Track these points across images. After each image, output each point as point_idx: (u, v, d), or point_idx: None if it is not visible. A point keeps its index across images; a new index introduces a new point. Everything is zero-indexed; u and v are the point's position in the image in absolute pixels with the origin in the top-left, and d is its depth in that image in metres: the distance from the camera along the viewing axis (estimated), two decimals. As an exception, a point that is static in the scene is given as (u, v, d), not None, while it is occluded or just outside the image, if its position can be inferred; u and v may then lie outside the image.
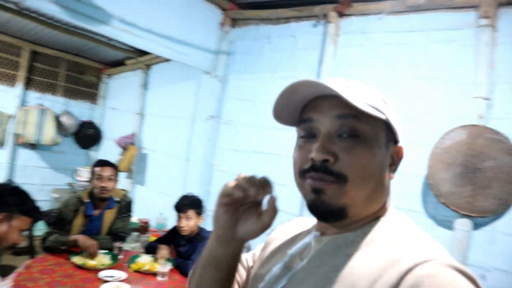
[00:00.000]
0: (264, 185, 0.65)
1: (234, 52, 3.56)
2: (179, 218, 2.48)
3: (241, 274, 0.86)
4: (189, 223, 2.44)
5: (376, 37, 2.58)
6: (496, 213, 2.04)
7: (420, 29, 2.39)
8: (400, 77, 2.46)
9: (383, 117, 0.62)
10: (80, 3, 2.53)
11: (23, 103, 4.66)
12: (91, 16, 2.61)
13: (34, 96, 4.77)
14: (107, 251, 2.40)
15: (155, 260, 2.38)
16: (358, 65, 2.66)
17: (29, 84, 4.74)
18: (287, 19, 3.13)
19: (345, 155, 0.60)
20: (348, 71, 2.70)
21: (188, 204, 2.47)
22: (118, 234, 2.62)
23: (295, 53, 3.05)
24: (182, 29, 3.25)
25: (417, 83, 2.38)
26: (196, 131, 3.76)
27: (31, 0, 2.35)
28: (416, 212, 2.31)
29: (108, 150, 5.22)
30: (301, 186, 0.66)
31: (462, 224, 2.15)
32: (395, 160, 0.67)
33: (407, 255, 0.54)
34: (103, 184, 2.51)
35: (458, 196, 2.10)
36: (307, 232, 0.75)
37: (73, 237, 2.34)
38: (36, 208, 1.63)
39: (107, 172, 2.54)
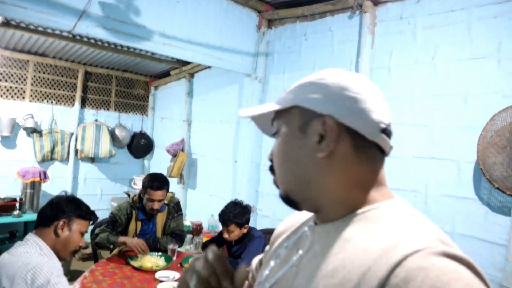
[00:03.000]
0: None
1: (272, 53, 3.61)
2: (223, 229, 2.53)
3: (252, 276, 0.88)
4: (231, 235, 2.49)
5: (415, 21, 2.50)
6: (563, 195, 1.91)
7: (462, 7, 2.28)
8: (444, 60, 2.36)
9: (287, 105, 0.66)
10: (124, 24, 2.70)
11: (81, 120, 5.03)
12: (134, 34, 2.77)
13: (90, 113, 5.14)
14: (160, 253, 2.54)
15: None
16: (398, 52, 2.59)
17: (84, 102, 5.11)
18: (322, 14, 3.12)
19: (272, 149, 0.70)
20: (386, 60, 2.64)
21: (230, 219, 2.46)
22: (175, 233, 2.76)
23: (333, 47, 3.03)
24: (220, 36, 3.35)
25: (462, 65, 2.28)
26: (242, 133, 3.84)
27: (80, 28, 2.55)
28: (469, 199, 2.21)
29: (160, 158, 5.48)
30: None
31: (523, 209, 2.04)
32: (324, 134, 0.61)
33: (398, 244, 0.51)
34: (154, 207, 2.62)
35: (516, 179, 1.98)
36: (306, 222, 0.74)
37: (121, 239, 2.47)
38: (91, 212, 1.79)
39: (158, 196, 2.61)
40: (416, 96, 2.46)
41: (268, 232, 2.95)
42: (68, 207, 1.68)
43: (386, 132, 0.62)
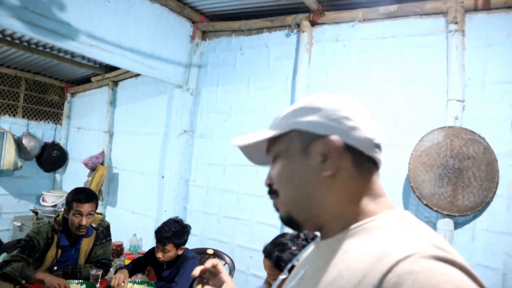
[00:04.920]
0: None
1: (206, 65, 3.51)
2: (157, 247, 2.32)
3: None
4: (165, 256, 2.28)
5: (350, 44, 2.62)
6: (476, 211, 2.09)
7: (393, 35, 2.45)
8: (375, 83, 2.50)
9: (283, 131, 0.69)
10: (45, 18, 2.40)
11: (-21, 126, 4.36)
12: (56, 31, 2.47)
13: (-9, 119, 4.49)
14: (81, 281, 2.22)
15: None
16: (333, 72, 2.69)
17: (-15, 106, 4.45)
18: (259, 30, 3.13)
19: (272, 173, 0.73)
20: (322, 79, 2.72)
21: (168, 237, 2.26)
22: (101, 262, 2.42)
23: (269, 63, 3.05)
24: (152, 43, 3.17)
25: (392, 88, 2.43)
26: (170, 147, 3.65)
27: (-11, 15, 2.20)
28: (399, 215, 2.33)
29: (75, 172, 4.97)
30: None
31: (445, 224, 2.19)
32: (327, 153, 0.64)
33: (391, 252, 0.52)
34: (82, 223, 2.25)
35: (440, 197, 2.14)
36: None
37: (39, 275, 2.06)
38: None
39: (86, 208, 2.27)
40: (350, 115, 2.55)
41: (199, 252, 2.79)
42: None
43: (379, 147, 0.68)
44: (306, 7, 2.68)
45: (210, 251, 2.84)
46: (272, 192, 0.72)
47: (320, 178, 0.65)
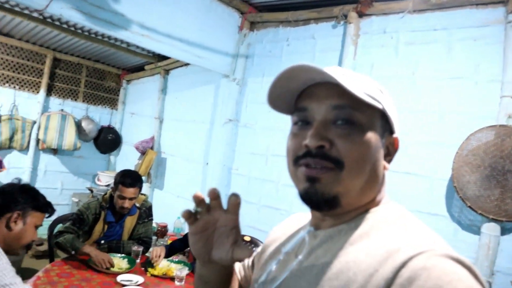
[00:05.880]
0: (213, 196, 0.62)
1: (252, 55, 3.55)
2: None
3: (240, 271, 0.89)
4: None
5: (398, 36, 2.52)
6: (527, 217, 1.95)
7: (444, 27, 2.32)
8: (423, 77, 2.39)
9: (379, 106, 0.61)
10: (101, 9, 2.57)
11: (45, 109, 4.76)
12: (111, 21, 2.64)
13: (56, 102, 4.87)
14: (123, 255, 2.39)
15: (153, 262, 2.30)
16: (379, 65, 2.61)
17: (51, 90, 4.84)
18: (306, 21, 3.11)
19: (341, 141, 0.59)
20: (368, 71, 2.64)
21: None
22: (142, 239, 2.59)
23: (315, 55, 3.02)
24: (200, 33, 3.26)
25: (440, 83, 2.31)
26: (215, 135, 3.75)
27: (53, 8, 2.39)
28: (440, 216, 2.23)
29: (127, 155, 5.28)
30: (294, 175, 0.65)
31: (490, 228, 2.07)
32: (390, 151, 0.67)
33: (402, 247, 0.53)
34: (124, 205, 2.44)
35: (486, 199, 2.02)
36: (303, 228, 0.74)
37: (86, 248, 2.22)
38: (48, 203, 1.64)
39: (130, 194, 2.44)
40: (395, 110, 2.47)
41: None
42: (23, 197, 1.52)
43: None
44: (354, -3, 2.62)
45: (247, 238, 2.91)
46: (326, 158, 0.59)
47: (382, 168, 0.65)
